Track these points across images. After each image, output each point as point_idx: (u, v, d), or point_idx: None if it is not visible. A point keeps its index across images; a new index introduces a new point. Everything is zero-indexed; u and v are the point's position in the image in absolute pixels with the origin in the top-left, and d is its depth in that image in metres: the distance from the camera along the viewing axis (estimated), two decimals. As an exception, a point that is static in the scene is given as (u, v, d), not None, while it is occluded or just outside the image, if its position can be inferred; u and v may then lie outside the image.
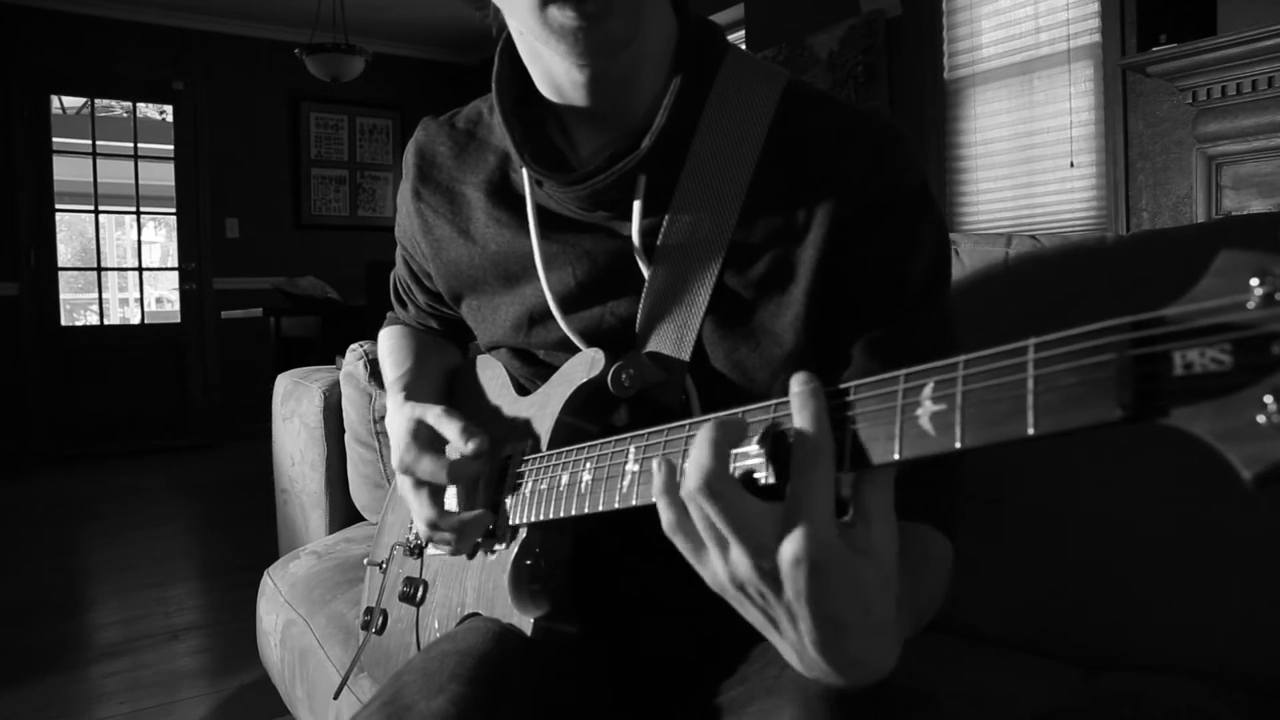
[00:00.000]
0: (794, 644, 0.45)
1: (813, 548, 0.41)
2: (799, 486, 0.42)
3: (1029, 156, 3.33)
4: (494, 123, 0.77)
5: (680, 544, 0.46)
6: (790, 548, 0.41)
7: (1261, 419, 0.28)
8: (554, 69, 0.67)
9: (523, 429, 0.76)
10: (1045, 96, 3.27)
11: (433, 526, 0.74)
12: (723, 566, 0.44)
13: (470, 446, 0.72)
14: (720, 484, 0.43)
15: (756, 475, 0.44)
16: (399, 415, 0.81)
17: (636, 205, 0.68)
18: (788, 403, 0.44)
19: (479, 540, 0.74)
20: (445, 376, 0.92)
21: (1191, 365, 0.30)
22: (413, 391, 0.85)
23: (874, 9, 3.75)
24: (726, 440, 0.45)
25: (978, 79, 3.50)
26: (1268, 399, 0.28)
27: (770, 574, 0.43)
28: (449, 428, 0.74)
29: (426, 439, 0.77)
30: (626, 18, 0.60)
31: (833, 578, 0.42)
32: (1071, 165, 3.18)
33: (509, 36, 0.73)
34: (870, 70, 3.78)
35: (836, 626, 0.43)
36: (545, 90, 0.70)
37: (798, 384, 0.43)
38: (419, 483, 0.75)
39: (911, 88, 3.67)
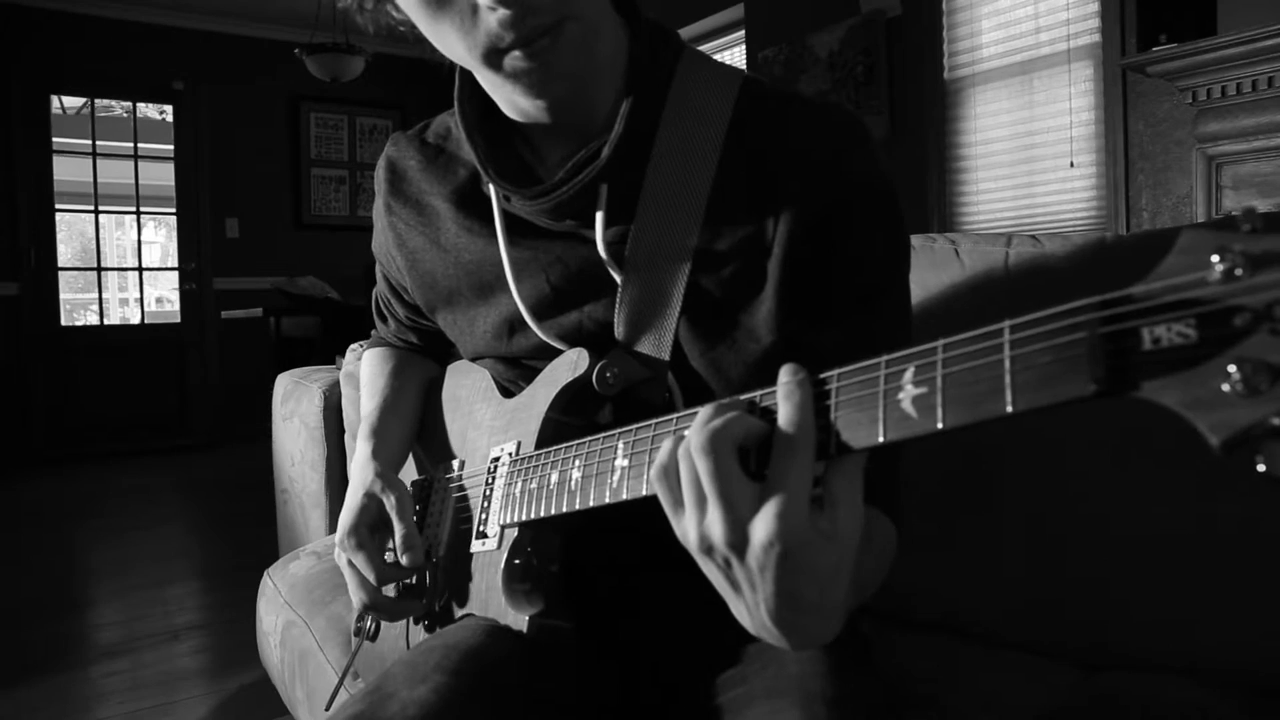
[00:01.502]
0: (749, 607, 0.47)
1: (785, 531, 0.43)
2: (779, 472, 0.43)
3: (1029, 156, 3.33)
4: (461, 136, 0.78)
5: (662, 494, 0.48)
6: (764, 528, 0.43)
7: (1226, 388, 0.30)
8: (513, 97, 0.67)
9: (508, 430, 0.76)
10: (1045, 96, 3.26)
11: (366, 607, 0.79)
12: (696, 526, 0.46)
13: (405, 559, 0.76)
14: (720, 446, 0.44)
15: (745, 448, 0.46)
16: (360, 472, 0.82)
17: (599, 215, 0.68)
18: (774, 392, 0.46)
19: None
20: (420, 396, 0.93)
21: (1159, 340, 0.32)
22: (381, 438, 0.86)
23: (874, 9, 3.75)
24: (734, 411, 0.46)
25: (978, 79, 3.50)
26: (1231, 368, 0.30)
27: (738, 545, 0.44)
28: (397, 526, 0.77)
29: (372, 521, 0.79)
30: (574, 52, 0.60)
31: (798, 560, 0.43)
32: (1071, 165, 3.18)
33: None
34: (870, 70, 3.78)
35: (792, 602, 0.45)
36: (508, 110, 0.70)
37: (786, 374, 0.45)
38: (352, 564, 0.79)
39: (911, 88, 3.67)
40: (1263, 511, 0.81)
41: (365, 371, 0.97)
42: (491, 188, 0.74)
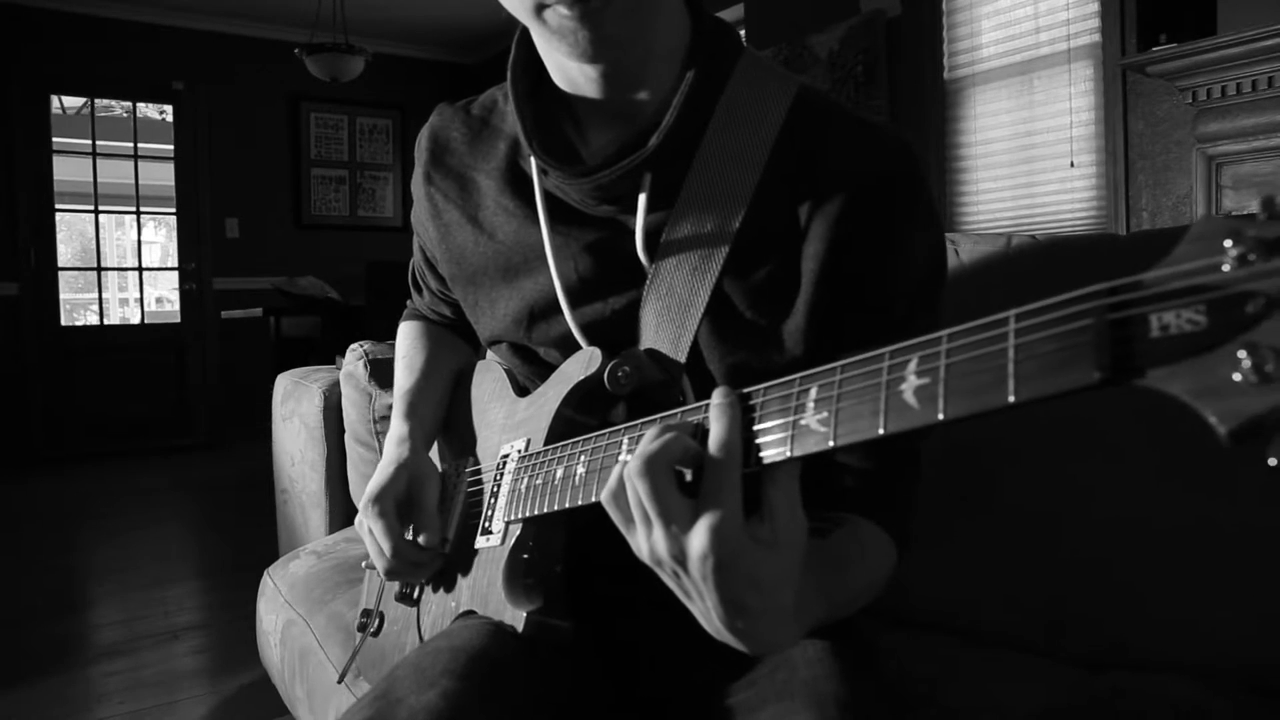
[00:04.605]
0: (702, 613, 0.50)
1: (717, 543, 0.46)
2: (711, 488, 0.46)
3: (1029, 156, 3.33)
4: (507, 110, 0.78)
5: (614, 514, 0.51)
6: (698, 542, 0.46)
7: (1236, 376, 0.29)
8: (566, 62, 0.67)
9: (519, 428, 0.76)
10: (1045, 96, 3.26)
11: (388, 572, 0.80)
12: (645, 542, 0.50)
13: (422, 538, 0.79)
14: (655, 471, 0.48)
15: (683, 471, 0.49)
16: (395, 447, 0.84)
17: (642, 200, 0.68)
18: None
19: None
20: (451, 384, 0.94)
21: (1168, 327, 0.31)
22: (417, 420, 0.87)
23: (874, 9, 3.75)
24: (672, 434, 0.49)
25: (978, 79, 3.50)
26: (1241, 354, 0.29)
27: (680, 558, 0.48)
28: (418, 505, 0.80)
29: (398, 494, 0.81)
30: (624, 18, 0.60)
31: (735, 568, 0.46)
32: (1071, 165, 3.18)
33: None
34: (870, 70, 3.78)
35: (737, 607, 0.48)
36: (559, 80, 0.71)
37: (717, 397, 0.48)
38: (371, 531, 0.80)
39: (911, 88, 3.67)
40: (1264, 510, 0.81)
41: (402, 345, 0.97)
42: (533, 164, 0.73)
